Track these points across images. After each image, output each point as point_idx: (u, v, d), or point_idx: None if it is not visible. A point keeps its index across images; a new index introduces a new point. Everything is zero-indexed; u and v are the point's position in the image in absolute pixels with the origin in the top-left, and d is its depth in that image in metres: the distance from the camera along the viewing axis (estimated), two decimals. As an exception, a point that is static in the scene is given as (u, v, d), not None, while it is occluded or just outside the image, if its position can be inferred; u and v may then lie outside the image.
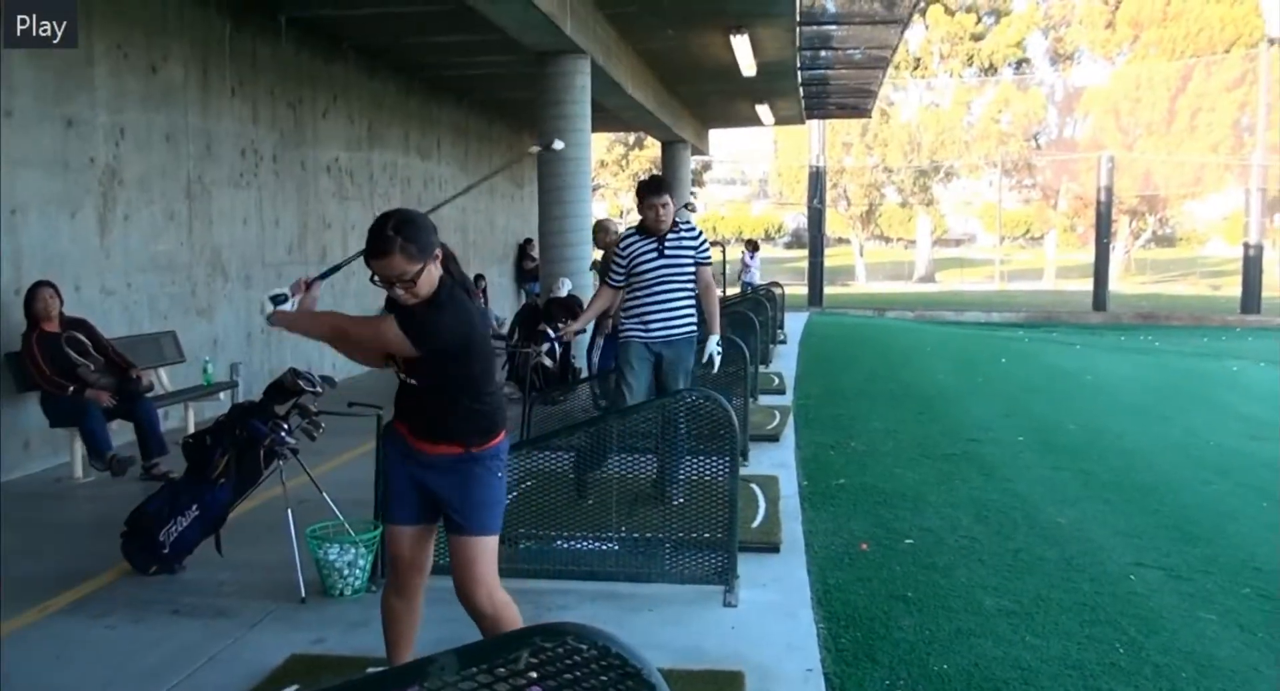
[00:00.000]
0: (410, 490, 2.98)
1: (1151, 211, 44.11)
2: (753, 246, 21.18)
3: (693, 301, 5.67)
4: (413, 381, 2.92)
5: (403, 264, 2.71)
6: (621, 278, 5.57)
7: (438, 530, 3.11)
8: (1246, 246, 27.17)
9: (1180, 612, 4.54)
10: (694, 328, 5.73)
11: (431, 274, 2.78)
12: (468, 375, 2.90)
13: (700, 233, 5.64)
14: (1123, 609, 4.49)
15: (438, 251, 2.79)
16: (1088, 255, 34.17)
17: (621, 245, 5.57)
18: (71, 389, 6.15)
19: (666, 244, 5.49)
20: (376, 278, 2.79)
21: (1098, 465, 7.75)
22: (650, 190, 5.46)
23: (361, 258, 2.82)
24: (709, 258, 5.66)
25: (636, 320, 5.60)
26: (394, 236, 2.70)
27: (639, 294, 5.58)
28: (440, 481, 2.94)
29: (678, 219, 5.61)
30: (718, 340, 5.75)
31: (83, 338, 6.41)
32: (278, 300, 3.11)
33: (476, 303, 2.97)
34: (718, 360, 5.75)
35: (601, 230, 7.62)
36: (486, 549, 2.96)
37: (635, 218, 5.73)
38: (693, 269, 5.59)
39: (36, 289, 6.27)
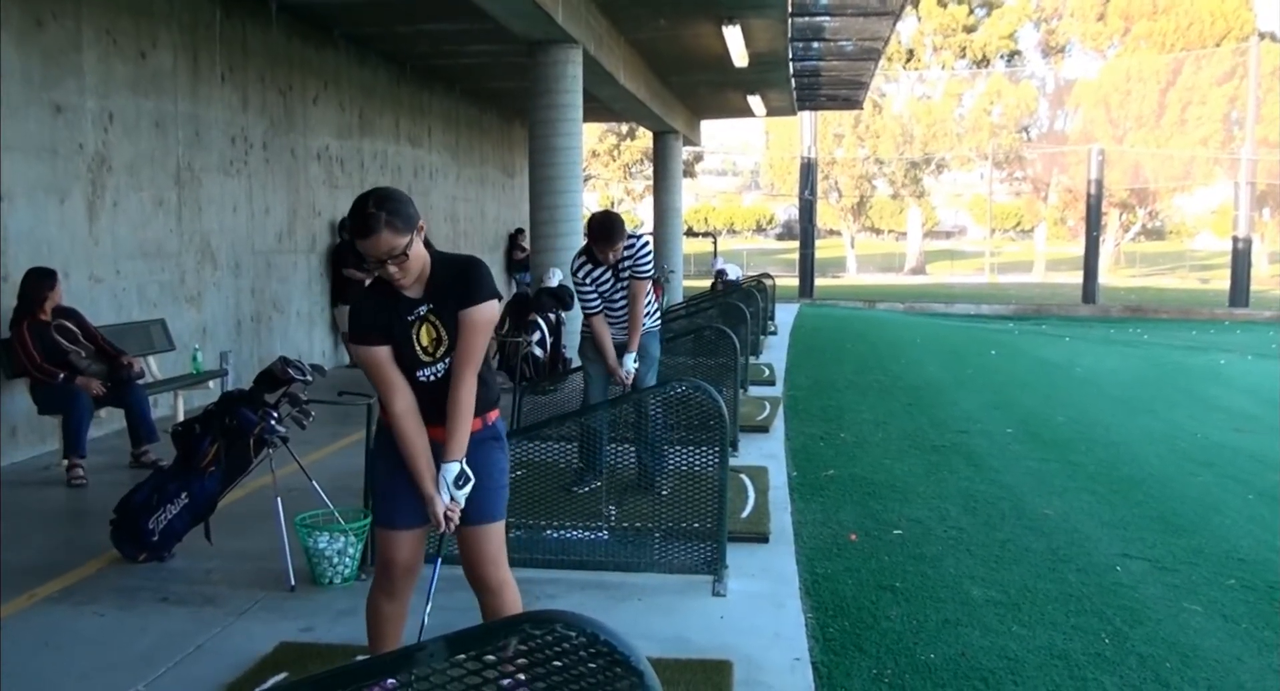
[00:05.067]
0: (410, 491, 2.88)
1: (1141, 205, 44.25)
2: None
3: (651, 302, 5.74)
4: (439, 367, 2.83)
5: (391, 239, 2.67)
6: (597, 301, 5.57)
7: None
8: (1235, 240, 27.29)
9: (1165, 603, 4.57)
10: (656, 322, 5.85)
11: (419, 247, 2.75)
12: (490, 331, 2.88)
13: (646, 245, 5.57)
14: (1108, 599, 4.52)
15: (421, 223, 2.76)
16: (1077, 248, 34.32)
17: (580, 275, 5.53)
18: (62, 376, 6.12)
19: (620, 268, 5.51)
20: (368, 262, 2.74)
21: (1085, 457, 7.79)
22: (604, 238, 5.36)
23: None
24: (647, 272, 5.57)
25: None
26: (377, 212, 2.66)
27: (604, 309, 5.65)
28: None
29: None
30: (633, 358, 5.61)
31: (73, 326, 6.37)
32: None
33: None
34: (631, 372, 5.58)
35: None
36: (500, 530, 2.96)
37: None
38: (648, 275, 5.59)
39: (45, 277, 6.22)
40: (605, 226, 5.37)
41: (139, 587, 4.24)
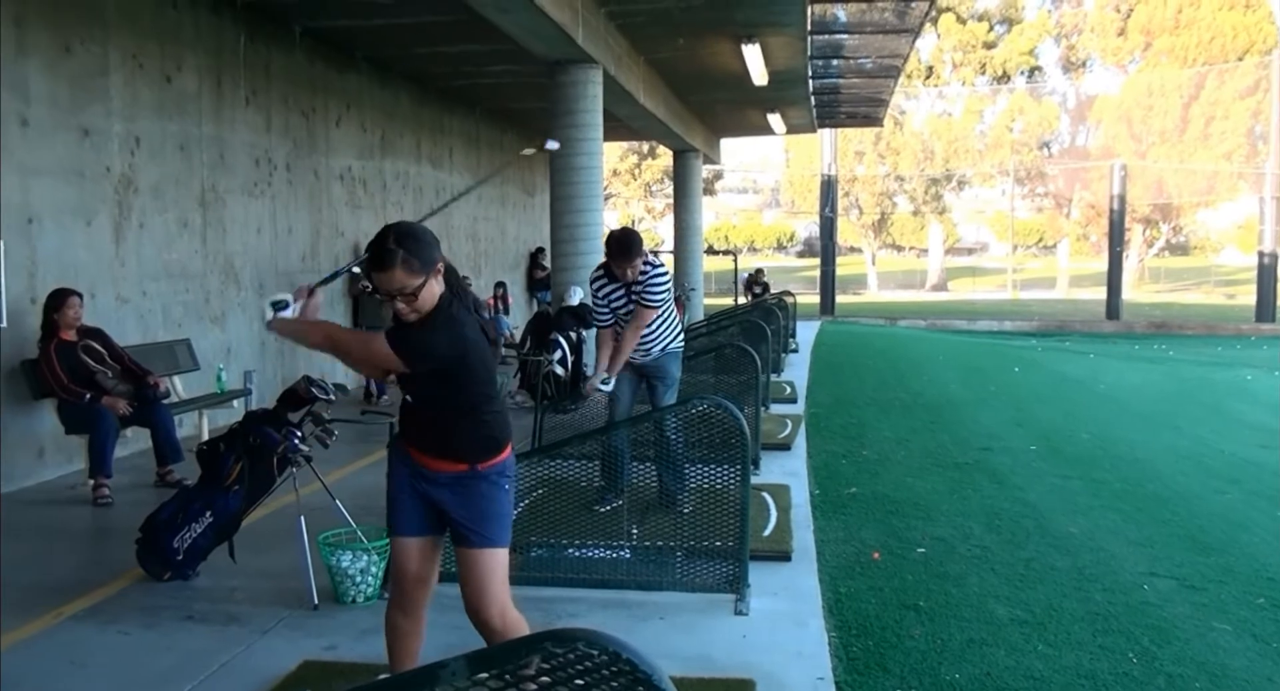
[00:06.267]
0: (415, 502, 2.92)
1: (1165, 220, 43.99)
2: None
3: (668, 321, 5.70)
4: (408, 398, 2.91)
5: (404, 278, 2.67)
6: (608, 316, 5.61)
7: (443, 543, 3.06)
8: (1261, 255, 27.06)
9: (1193, 622, 4.52)
10: (679, 343, 5.81)
11: (433, 288, 2.74)
12: (463, 396, 2.84)
13: (660, 273, 5.49)
14: (1135, 618, 4.47)
15: (439, 265, 2.75)
16: (1101, 264, 34.10)
17: (594, 287, 5.61)
18: (88, 396, 6.18)
19: (635, 288, 5.51)
20: (378, 291, 2.76)
21: (1109, 474, 7.72)
22: (621, 254, 5.36)
23: (356, 267, 2.81)
24: (654, 301, 5.47)
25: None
26: (396, 249, 2.66)
27: (615, 325, 5.68)
28: (446, 496, 2.89)
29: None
30: (604, 378, 5.58)
31: (99, 347, 6.44)
32: (278, 306, 3.07)
33: (483, 315, 2.93)
34: (602, 391, 5.60)
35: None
36: (497, 563, 2.89)
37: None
38: (664, 296, 5.53)
39: (66, 297, 6.28)
40: (623, 243, 5.40)
41: (163, 606, 4.26)
